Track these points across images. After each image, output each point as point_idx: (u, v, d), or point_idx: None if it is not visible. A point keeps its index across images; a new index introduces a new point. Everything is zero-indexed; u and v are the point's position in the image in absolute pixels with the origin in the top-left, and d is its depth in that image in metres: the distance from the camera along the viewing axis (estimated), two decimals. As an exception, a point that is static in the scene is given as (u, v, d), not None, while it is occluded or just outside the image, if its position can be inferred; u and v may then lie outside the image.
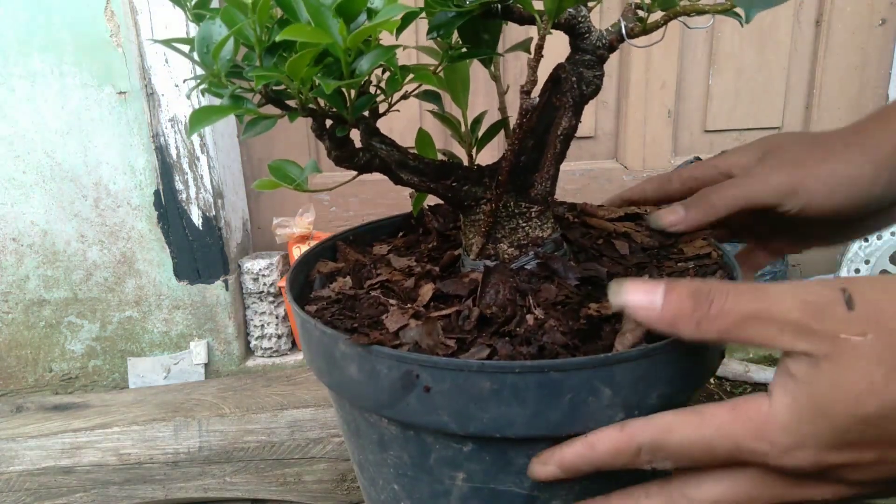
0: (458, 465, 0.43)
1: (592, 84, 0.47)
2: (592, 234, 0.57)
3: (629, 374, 0.38)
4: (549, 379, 0.38)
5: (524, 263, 0.50)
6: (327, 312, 0.49)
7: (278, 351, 1.19)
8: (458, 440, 0.42)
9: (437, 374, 0.39)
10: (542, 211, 0.50)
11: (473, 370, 0.38)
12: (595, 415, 0.39)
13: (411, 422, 0.42)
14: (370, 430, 0.47)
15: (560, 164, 0.50)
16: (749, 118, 1.30)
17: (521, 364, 0.38)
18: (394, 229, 0.65)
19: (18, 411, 1.02)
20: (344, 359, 0.43)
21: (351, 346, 0.42)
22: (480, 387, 0.38)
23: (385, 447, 0.46)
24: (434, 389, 0.40)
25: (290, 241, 1.15)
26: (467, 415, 0.40)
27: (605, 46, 0.46)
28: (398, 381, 0.40)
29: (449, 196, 0.50)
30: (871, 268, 1.09)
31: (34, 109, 1.04)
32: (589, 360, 0.38)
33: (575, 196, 1.29)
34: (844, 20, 1.25)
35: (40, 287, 1.12)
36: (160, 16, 1.01)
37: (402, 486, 0.47)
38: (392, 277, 0.52)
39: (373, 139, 0.47)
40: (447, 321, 0.45)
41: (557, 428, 0.39)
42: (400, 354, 0.40)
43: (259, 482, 0.93)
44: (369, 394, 0.43)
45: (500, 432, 0.40)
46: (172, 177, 1.08)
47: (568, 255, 0.52)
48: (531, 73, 0.42)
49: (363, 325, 0.46)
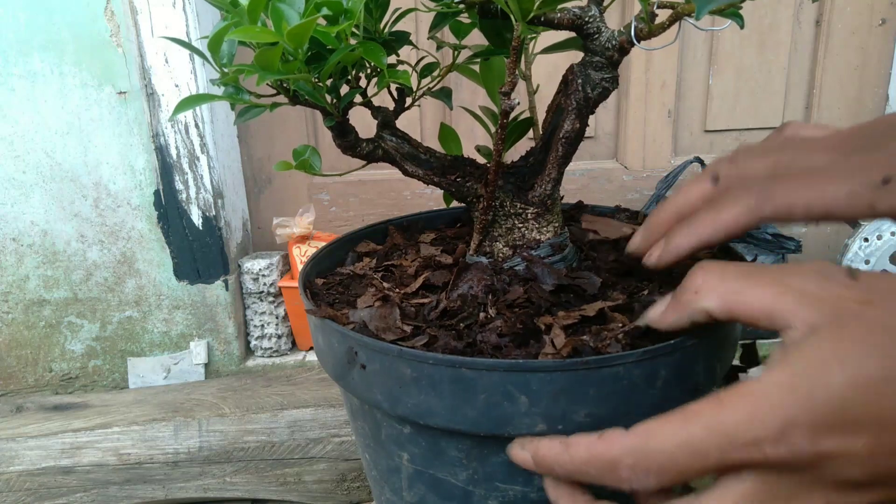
0: (402, 446, 0.45)
1: (599, 87, 0.46)
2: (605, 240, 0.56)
3: (547, 384, 0.37)
4: (462, 375, 0.38)
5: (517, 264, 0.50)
6: (328, 287, 0.52)
7: (278, 351, 1.19)
8: (399, 421, 0.44)
9: (370, 354, 0.41)
10: (541, 213, 0.50)
11: (394, 355, 0.40)
12: (513, 420, 0.39)
13: (357, 395, 0.45)
14: (345, 399, 0.51)
15: (563, 167, 0.49)
16: (749, 118, 1.30)
17: (434, 356, 0.39)
18: (453, 220, 0.67)
19: (18, 411, 1.02)
20: (314, 329, 0.47)
21: (315, 318, 0.45)
22: (402, 372, 0.40)
23: (354, 416, 0.50)
24: (368, 368, 0.42)
25: (290, 241, 1.15)
26: (395, 397, 0.41)
27: (615, 48, 0.45)
28: (344, 355, 0.43)
29: (453, 191, 0.50)
30: (870, 268, 1.09)
31: (34, 109, 1.04)
32: (499, 363, 0.38)
33: (575, 196, 1.29)
34: (844, 20, 1.25)
35: (40, 287, 1.12)
36: (160, 16, 1.01)
37: (369, 456, 0.50)
38: (402, 263, 0.54)
39: (384, 130, 0.49)
40: (418, 309, 0.47)
41: (476, 425, 0.39)
42: (343, 331, 0.43)
43: (259, 482, 0.93)
44: (329, 363, 0.46)
45: (423, 419, 0.41)
46: (172, 177, 1.08)
47: (573, 260, 0.51)
48: (509, 74, 0.42)
49: (341, 301, 0.49)
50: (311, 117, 1.23)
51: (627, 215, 0.63)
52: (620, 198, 1.30)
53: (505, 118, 0.44)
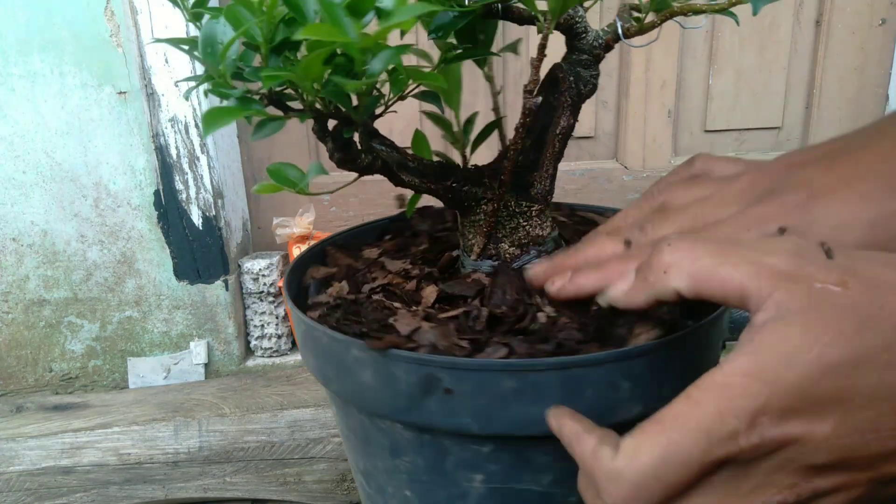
0: (477, 467, 0.43)
1: (590, 83, 0.48)
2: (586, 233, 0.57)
3: (647, 367, 0.39)
4: (571, 375, 0.38)
5: (526, 262, 0.50)
6: (331, 318, 0.48)
7: (278, 351, 1.19)
8: (478, 441, 0.42)
9: (458, 375, 0.39)
10: (542, 210, 0.50)
11: (496, 370, 0.38)
12: (615, 409, 0.39)
13: (430, 425, 0.42)
14: (381, 437, 0.46)
15: (558, 162, 0.50)
16: (749, 118, 1.30)
17: (545, 362, 0.38)
18: (380, 232, 0.64)
19: (18, 411, 1.02)
20: (357, 364, 0.42)
21: (365, 352, 0.41)
22: (503, 386, 0.38)
23: (397, 453, 0.46)
24: (455, 391, 0.39)
25: (290, 241, 1.15)
26: (489, 415, 0.39)
27: (602, 46, 0.46)
28: (417, 384, 0.40)
29: (449, 197, 0.50)
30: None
31: (34, 109, 1.04)
32: (610, 355, 0.38)
33: (575, 196, 1.29)
34: (844, 20, 1.25)
35: (40, 287, 1.12)
36: (160, 16, 1.01)
37: (415, 492, 0.47)
38: (392, 281, 0.52)
39: (372, 141, 0.47)
40: (457, 322, 0.44)
41: None
42: (420, 357, 0.39)
43: (259, 482, 0.93)
44: (384, 399, 0.42)
45: (522, 431, 0.39)
46: (172, 177, 1.08)
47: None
48: (534, 73, 0.42)
49: (372, 329, 0.45)
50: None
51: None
52: (620, 198, 1.30)
53: (526, 117, 0.44)
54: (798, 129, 1.32)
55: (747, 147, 1.33)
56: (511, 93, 1.25)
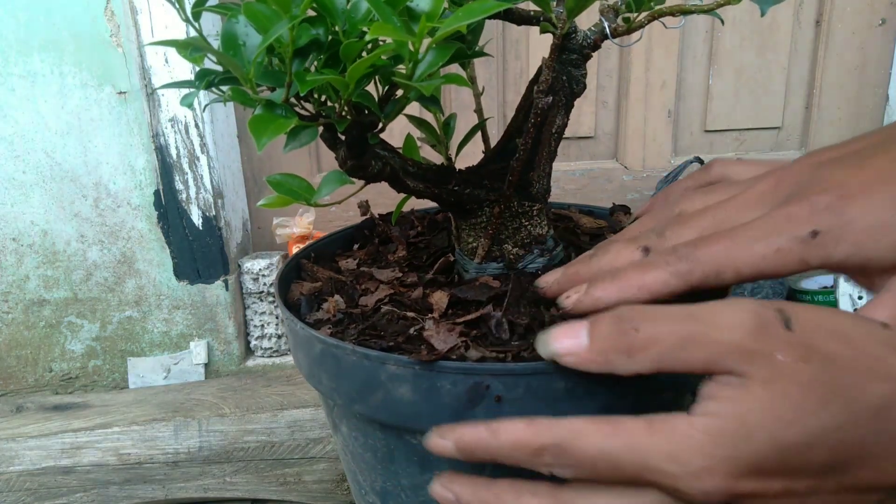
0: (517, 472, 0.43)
1: (581, 83, 0.48)
2: (577, 233, 0.57)
3: None
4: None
5: (530, 262, 0.50)
6: (347, 335, 0.46)
7: (278, 351, 1.19)
8: None
9: (509, 381, 0.38)
10: (541, 209, 0.50)
11: (550, 372, 0.37)
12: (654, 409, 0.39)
13: None
14: (410, 453, 0.45)
15: (552, 162, 0.51)
16: (749, 118, 1.30)
17: None
18: (347, 242, 0.63)
19: (18, 411, 1.02)
20: (392, 380, 0.41)
21: (404, 366, 0.39)
22: (555, 388, 0.38)
23: (428, 467, 0.44)
24: (505, 398, 0.38)
25: (290, 241, 1.15)
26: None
27: (590, 46, 0.47)
28: (464, 394, 0.39)
29: (452, 200, 0.49)
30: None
31: (34, 109, 1.04)
32: None
33: (575, 196, 1.29)
34: (844, 20, 1.25)
35: (40, 287, 1.13)
36: (160, 16, 1.01)
37: None
38: (397, 290, 0.51)
39: (376, 147, 0.46)
40: (478, 330, 0.44)
41: None
42: (468, 366, 0.39)
43: (259, 482, 0.93)
44: (424, 413, 0.40)
45: None
46: (172, 177, 1.08)
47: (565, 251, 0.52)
48: (547, 73, 0.42)
49: (397, 342, 0.43)
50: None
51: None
52: (620, 198, 1.30)
53: (538, 117, 0.44)
54: (798, 129, 1.32)
55: (747, 147, 1.33)
56: (511, 93, 1.25)
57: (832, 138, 1.30)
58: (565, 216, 0.61)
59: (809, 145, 1.31)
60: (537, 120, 0.44)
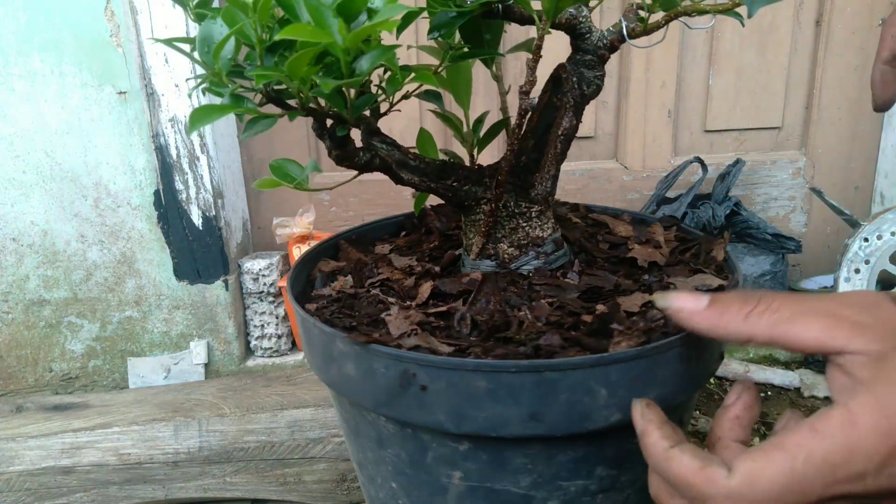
0: (455, 464, 0.43)
1: (593, 84, 0.47)
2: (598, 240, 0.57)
3: (625, 374, 0.38)
4: (545, 379, 0.38)
5: (524, 263, 0.50)
6: (327, 311, 0.49)
7: (278, 351, 1.19)
8: (455, 439, 0.42)
9: (433, 373, 0.39)
10: (543, 211, 0.50)
11: (469, 369, 0.38)
12: (591, 415, 0.39)
13: (408, 420, 0.42)
14: (369, 429, 0.47)
15: (560, 164, 0.50)
16: (749, 118, 1.30)
17: (517, 364, 0.38)
18: (396, 228, 0.65)
19: (18, 411, 1.02)
20: (342, 357, 0.43)
21: (348, 344, 0.42)
22: (476, 386, 0.38)
23: (383, 445, 0.46)
24: (430, 388, 0.40)
25: (290, 241, 1.15)
26: (463, 414, 0.40)
27: (606, 46, 0.46)
28: (395, 379, 0.40)
29: (449, 196, 0.50)
30: (871, 268, 1.09)
31: (34, 109, 1.04)
32: (585, 360, 0.38)
33: (575, 196, 1.29)
34: (844, 20, 1.25)
35: (40, 287, 1.12)
36: (160, 16, 1.01)
37: (400, 485, 0.48)
38: (392, 276, 0.53)
39: (373, 139, 0.48)
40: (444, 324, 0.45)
41: (553, 428, 0.39)
42: (397, 353, 0.40)
43: (259, 482, 0.93)
44: (367, 392, 0.43)
45: (496, 431, 0.40)
46: (172, 177, 1.08)
47: (568, 256, 0.52)
48: (530, 74, 0.42)
49: (362, 323, 0.46)
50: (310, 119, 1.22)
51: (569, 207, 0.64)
52: (620, 198, 1.30)
53: (522, 117, 0.44)
54: (798, 129, 1.32)
55: (747, 147, 1.33)
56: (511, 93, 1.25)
57: (832, 138, 1.30)
58: (601, 222, 0.60)
59: (809, 145, 1.31)
60: (521, 121, 0.44)
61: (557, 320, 0.44)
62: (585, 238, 0.56)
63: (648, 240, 0.55)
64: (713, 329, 0.35)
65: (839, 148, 1.31)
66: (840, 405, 0.29)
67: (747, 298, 0.34)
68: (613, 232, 0.58)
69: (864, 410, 0.29)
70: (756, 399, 0.36)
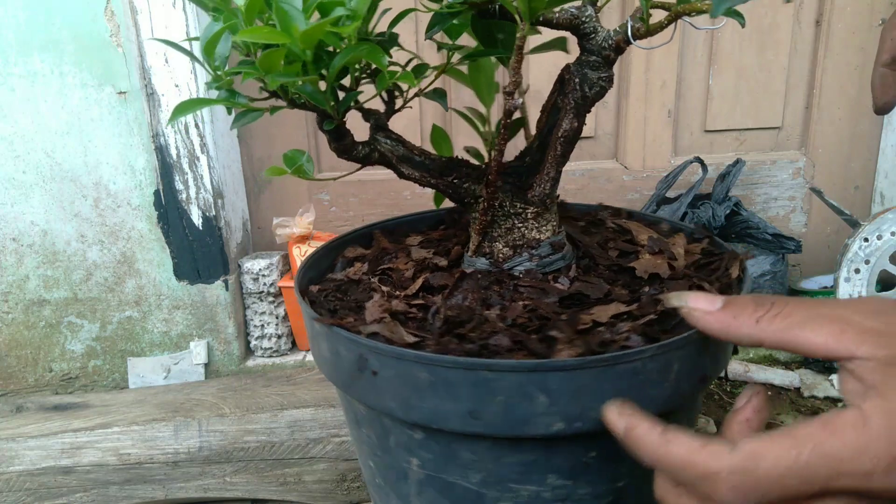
0: (412, 451, 0.45)
1: (596, 86, 0.46)
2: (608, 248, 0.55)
3: (567, 383, 0.38)
4: (481, 378, 0.38)
5: (517, 264, 0.50)
6: (325, 294, 0.51)
7: (278, 351, 1.19)
8: (409, 427, 0.44)
9: (382, 360, 0.41)
10: (540, 213, 0.50)
11: (411, 360, 0.40)
12: (531, 421, 0.39)
13: (367, 402, 0.45)
14: (348, 408, 0.50)
15: (561, 166, 0.49)
16: (749, 118, 1.30)
17: (454, 360, 0.39)
18: (436, 222, 0.66)
19: (18, 411, 1.02)
20: (318, 337, 0.46)
21: (319, 325, 0.45)
22: (419, 377, 0.40)
23: (359, 425, 0.49)
24: (380, 374, 0.41)
25: (290, 241, 1.15)
26: (410, 403, 0.41)
27: (612, 48, 0.44)
28: (354, 363, 0.43)
29: (450, 192, 0.50)
30: (871, 267, 1.09)
31: (34, 109, 1.04)
32: (521, 364, 0.38)
33: (575, 196, 1.29)
34: (844, 20, 1.25)
35: (40, 287, 1.12)
36: (160, 16, 1.01)
37: (375, 464, 0.50)
38: (399, 266, 0.54)
39: (378, 133, 0.49)
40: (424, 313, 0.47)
41: (492, 428, 0.40)
42: (352, 338, 0.42)
43: (259, 482, 0.93)
44: (335, 372, 0.46)
45: (439, 424, 0.41)
46: (172, 177, 1.08)
47: (568, 260, 0.51)
48: (513, 74, 0.42)
49: (348, 307, 0.49)
50: (310, 117, 1.23)
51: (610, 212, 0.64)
52: (620, 198, 1.30)
53: (508, 118, 0.44)
54: (798, 129, 1.32)
55: (747, 147, 1.33)
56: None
57: (832, 138, 1.30)
58: (626, 229, 0.59)
59: (809, 145, 1.31)
60: (506, 121, 0.44)
61: (524, 322, 0.44)
62: (600, 244, 0.55)
63: (662, 250, 0.53)
64: (725, 331, 0.35)
65: (839, 148, 1.31)
66: (853, 407, 0.30)
67: (760, 302, 0.34)
68: (635, 240, 0.56)
69: (876, 413, 0.29)
70: (766, 403, 0.37)
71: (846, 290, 1.10)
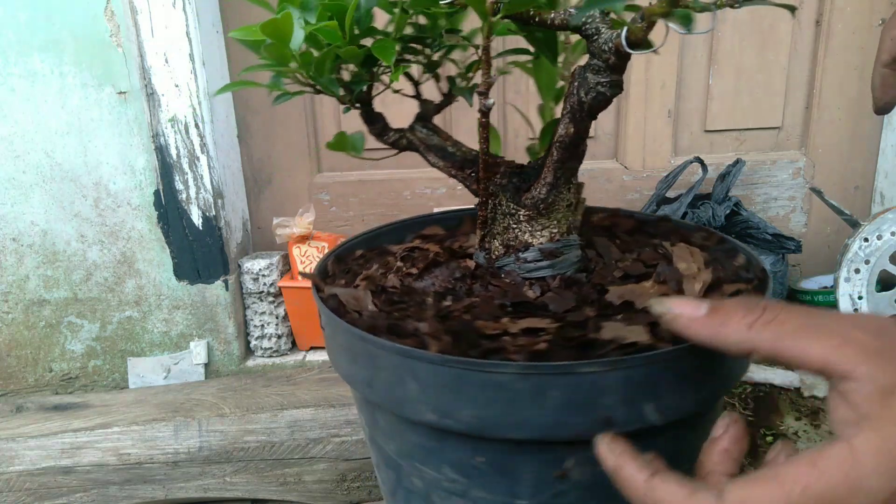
0: (371, 416, 0.50)
1: (594, 91, 0.43)
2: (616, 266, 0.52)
3: (431, 375, 0.40)
4: (371, 352, 0.42)
5: (504, 264, 0.50)
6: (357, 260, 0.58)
7: (278, 351, 1.19)
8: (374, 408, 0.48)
9: (330, 319, 0.46)
10: (533, 217, 0.49)
11: (340, 327, 0.44)
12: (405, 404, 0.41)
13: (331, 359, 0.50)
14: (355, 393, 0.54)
15: (560, 171, 0.47)
16: (749, 118, 1.30)
17: (360, 333, 0.42)
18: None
19: (18, 411, 1.02)
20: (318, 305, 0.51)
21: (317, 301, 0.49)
22: (353, 344, 0.44)
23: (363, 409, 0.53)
24: (327, 332, 0.47)
25: (290, 241, 1.15)
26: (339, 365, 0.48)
27: (612, 51, 0.41)
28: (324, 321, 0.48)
29: (467, 185, 0.53)
30: (871, 267, 1.09)
31: (34, 109, 1.04)
32: (395, 347, 0.40)
33: (575, 196, 1.29)
34: (844, 20, 1.25)
35: (40, 287, 1.12)
36: (160, 16, 1.01)
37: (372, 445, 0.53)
38: (426, 247, 0.58)
39: (418, 122, 0.54)
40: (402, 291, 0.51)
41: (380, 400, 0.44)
42: (321, 297, 0.48)
43: (259, 482, 0.93)
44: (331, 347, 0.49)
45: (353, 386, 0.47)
46: (172, 177, 1.08)
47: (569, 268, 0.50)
48: (484, 75, 0.42)
49: (348, 272, 0.55)
50: (311, 117, 1.23)
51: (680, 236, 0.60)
52: (620, 198, 1.30)
53: (484, 117, 0.45)
54: (798, 129, 1.32)
55: (747, 147, 1.33)
56: (511, 93, 1.25)
57: (832, 138, 1.30)
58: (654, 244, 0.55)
59: (809, 145, 1.31)
60: (483, 120, 0.45)
61: (457, 316, 0.45)
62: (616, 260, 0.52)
63: (666, 281, 0.48)
64: (714, 338, 0.33)
65: (839, 148, 1.31)
66: (842, 441, 0.29)
67: (750, 307, 0.32)
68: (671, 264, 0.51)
69: (868, 449, 0.28)
70: (744, 432, 0.35)
71: (846, 290, 1.10)
